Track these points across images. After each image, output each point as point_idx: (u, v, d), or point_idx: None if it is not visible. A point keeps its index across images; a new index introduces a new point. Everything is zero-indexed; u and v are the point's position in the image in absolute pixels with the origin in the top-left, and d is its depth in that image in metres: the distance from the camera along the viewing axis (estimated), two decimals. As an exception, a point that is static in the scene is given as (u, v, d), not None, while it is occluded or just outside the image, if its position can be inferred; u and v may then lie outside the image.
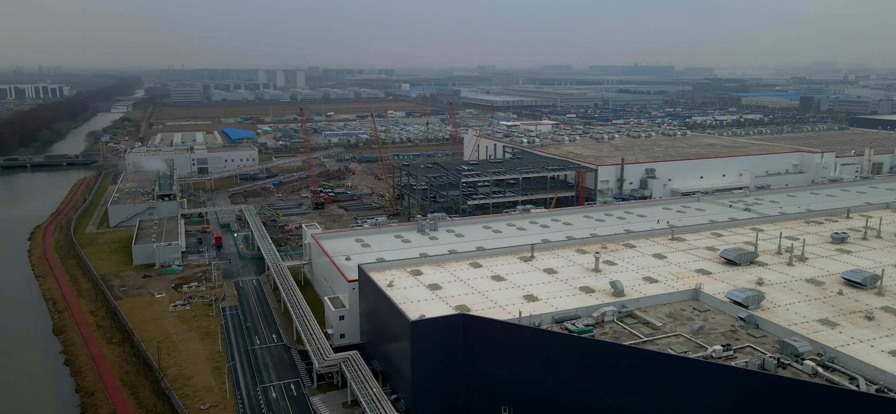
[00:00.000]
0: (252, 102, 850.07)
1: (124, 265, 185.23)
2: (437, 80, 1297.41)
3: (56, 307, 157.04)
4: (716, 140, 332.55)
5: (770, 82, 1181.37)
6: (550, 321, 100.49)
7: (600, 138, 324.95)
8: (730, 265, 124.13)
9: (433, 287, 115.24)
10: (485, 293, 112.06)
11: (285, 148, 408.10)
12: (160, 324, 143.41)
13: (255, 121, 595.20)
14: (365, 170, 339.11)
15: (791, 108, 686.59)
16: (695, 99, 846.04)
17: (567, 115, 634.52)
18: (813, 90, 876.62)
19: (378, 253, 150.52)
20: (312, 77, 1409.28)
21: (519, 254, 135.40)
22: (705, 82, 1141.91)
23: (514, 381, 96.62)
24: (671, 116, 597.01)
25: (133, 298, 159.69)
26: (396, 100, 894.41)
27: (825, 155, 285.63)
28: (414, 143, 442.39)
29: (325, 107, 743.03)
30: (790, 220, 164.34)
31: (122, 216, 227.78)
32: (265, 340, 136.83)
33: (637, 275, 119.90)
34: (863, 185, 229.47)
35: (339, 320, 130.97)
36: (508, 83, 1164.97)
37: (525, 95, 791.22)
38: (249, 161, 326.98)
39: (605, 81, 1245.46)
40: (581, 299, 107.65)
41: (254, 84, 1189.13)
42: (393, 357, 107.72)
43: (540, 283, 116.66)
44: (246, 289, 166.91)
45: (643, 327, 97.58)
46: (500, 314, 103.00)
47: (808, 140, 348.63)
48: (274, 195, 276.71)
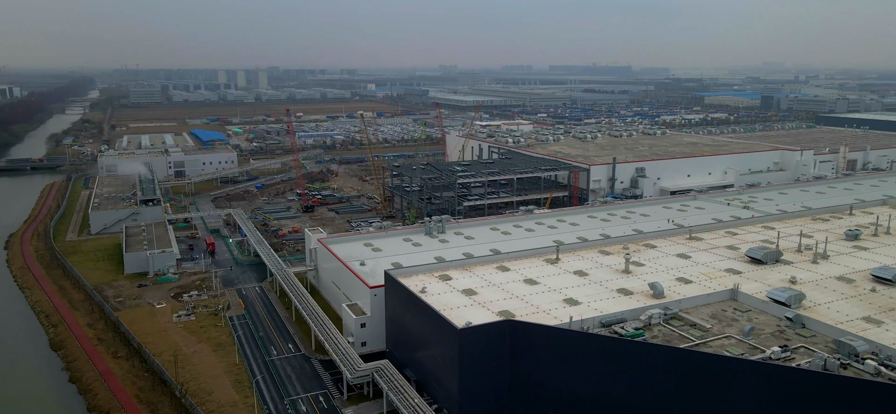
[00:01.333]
0: (215, 103, 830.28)
1: (115, 274, 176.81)
2: (401, 80, 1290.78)
3: (49, 321, 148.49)
4: (696, 139, 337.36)
5: (726, 82, 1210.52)
6: (597, 325, 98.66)
7: (584, 138, 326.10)
8: (756, 264, 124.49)
9: (468, 292, 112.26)
10: (523, 297, 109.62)
11: (261, 150, 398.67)
12: (166, 336, 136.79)
13: (222, 122, 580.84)
14: (347, 171, 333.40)
15: (752, 107, 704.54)
16: (658, 98, 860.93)
17: (538, 114, 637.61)
18: (769, 89, 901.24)
19: (391, 257, 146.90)
20: (273, 77, 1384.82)
21: (542, 256, 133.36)
22: (666, 82, 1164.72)
23: (563, 387, 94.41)
24: (640, 116, 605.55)
25: (131, 309, 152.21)
26: (363, 100, 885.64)
27: (804, 153, 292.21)
28: (391, 143, 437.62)
29: (293, 108, 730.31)
30: (796, 218, 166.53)
31: (104, 222, 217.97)
32: (282, 350, 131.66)
33: (668, 276, 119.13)
34: (847, 182, 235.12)
35: (361, 328, 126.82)
36: (474, 83, 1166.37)
37: (494, 95, 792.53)
38: (228, 164, 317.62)
39: (568, 81, 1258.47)
40: (623, 302, 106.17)
41: (214, 84, 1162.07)
42: (431, 365, 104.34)
43: (575, 286, 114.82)
44: (250, 297, 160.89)
45: (692, 330, 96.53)
46: (545, 319, 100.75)
47: (782, 138, 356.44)
48: (259, 198, 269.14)
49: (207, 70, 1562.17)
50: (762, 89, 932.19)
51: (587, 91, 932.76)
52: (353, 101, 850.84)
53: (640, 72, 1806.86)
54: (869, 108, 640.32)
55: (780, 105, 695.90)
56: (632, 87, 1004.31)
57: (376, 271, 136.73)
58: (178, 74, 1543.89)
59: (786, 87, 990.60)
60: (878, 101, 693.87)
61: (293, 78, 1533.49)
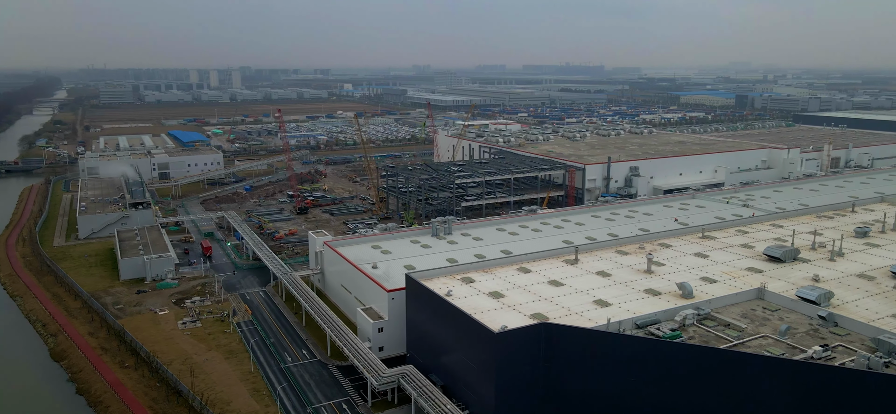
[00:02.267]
0: (189, 103, 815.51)
1: (110, 280, 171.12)
2: (376, 80, 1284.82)
3: (47, 330, 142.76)
4: (684, 138, 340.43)
5: (698, 81, 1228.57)
6: (631, 327, 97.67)
7: (573, 137, 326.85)
8: (775, 262, 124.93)
9: (495, 295, 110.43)
10: (551, 299, 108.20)
11: (245, 151, 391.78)
12: (174, 344, 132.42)
13: (200, 122, 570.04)
14: (335, 172, 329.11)
15: (728, 107, 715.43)
16: (634, 98, 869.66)
17: (518, 113, 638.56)
18: (742, 89, 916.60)
19: (402, 259, 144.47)
20: (246, 77, 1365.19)
21: (561, 257, 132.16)
22: (639, 81, 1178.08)
23: (599, 391, 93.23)
24: (619, 115, 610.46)
25: (132, 316, 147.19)
26: (340, 100, 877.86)
27: (791, 151, 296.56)
28: (376, 143, 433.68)
29: (270, 108, 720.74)
30: (801, 215, 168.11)
31: (92, 227, 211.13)
32: (296, 356, 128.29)
33: (692, 275, 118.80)
34: (837, 179, 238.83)
35: (379, 333, 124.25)
36: (451, 83, 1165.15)
37: (473, 95, 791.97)
38: (214, 165, 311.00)
39: (543, 80, 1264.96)
40: (653, 303, 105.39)
41: (186, 84, 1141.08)
42: (461, 370, 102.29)
43: (600, 287, 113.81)
44: (255, 302, 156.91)
45: (726, 330, 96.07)
46: (577, 321, 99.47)
47: (765, 136, 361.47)
48: (250, 200, 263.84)
49: (178, 70, 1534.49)
50: (734, 88, 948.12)
51: (564, 90, 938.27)
52: (331, 102, 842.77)
53: (612, 71, 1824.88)
54: (840, 107, 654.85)
55: (754, 104, 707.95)
56: (607, 87, 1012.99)
57: (390, 274, 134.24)
58: (147, 74, 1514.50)
59: (757, 86, 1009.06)
60: (847, 100, 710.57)
61: (266, 78, 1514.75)
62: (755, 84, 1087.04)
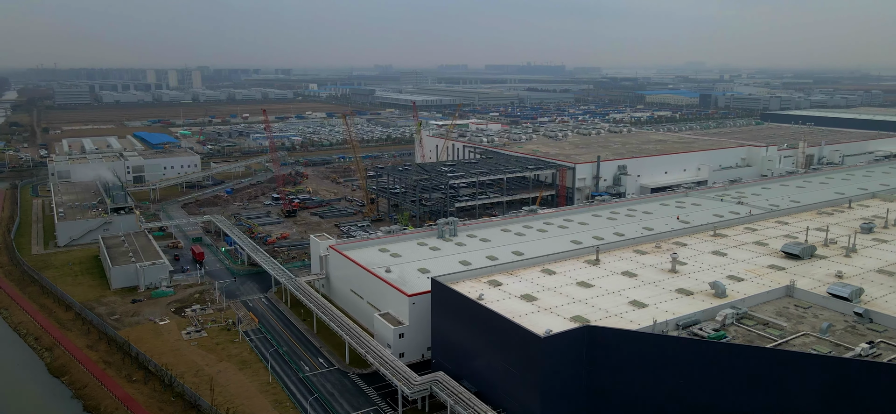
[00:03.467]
0: (150, 104, 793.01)
1: (101, 289, 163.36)
2: (339, 80, 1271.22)
3: (41, 344, 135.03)
4: (664, 136, 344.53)
5: (659, 81, 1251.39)
6: (674, 327, 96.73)
7: (555, 136, 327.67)
8: (793, 259, 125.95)
9: (527, 298, 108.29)
10: (585, 301, 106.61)
11: (219, 153, 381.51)
12: (182, 355, 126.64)
13: (165, 124, 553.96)
14: (315, 173, 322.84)
15: (692, 106, 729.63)
16: (601, 97, 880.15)
17: (489, 113, 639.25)
18: (702, 88, 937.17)
19: (413, 263, 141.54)
20: (205, 77, 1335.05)
21: (582, 257, 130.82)
22: (603, 81, 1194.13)
23: (645, 394, 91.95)
24: (589, 114, 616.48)
25: (132, 327, 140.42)
26: (306, 100, 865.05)
27: (769, 149, 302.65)
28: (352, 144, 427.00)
29: (237, 109, 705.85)
30: (802, 211, 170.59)
31: (72, 234, 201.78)
32: (314, 365, 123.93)
33: (717, 274, 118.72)
34: (819, 176, 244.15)
35: (399, 338, 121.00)
36: (418, 82, 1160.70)
37: (442, 95, 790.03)
38: (192, 168, 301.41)
39: (507, 80, 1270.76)
40: (689, 303, 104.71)
41: (144, 85, 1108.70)
42: (499, 376, 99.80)
43: (631, 287, 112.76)
44: (259, 309, 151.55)
45: (767, 329, 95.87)
46: (618, 323, 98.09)
47: (738, 134, 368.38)
48: (233, 203, 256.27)
49: (134, 69, 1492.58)
50: (695, 88, 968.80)
51: (530, 90, 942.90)
52: (297, 102, 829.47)
53: (574, 71, 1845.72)
54: (799, 106, 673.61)
55: (717, 103, 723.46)
56: (572, 86, 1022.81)
57: (406, 278, 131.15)
58: (101, 74, 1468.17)
59: (717, 86, 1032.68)
60: (805, 99, 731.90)
61: (226, 78, 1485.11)
62: (714, 84, 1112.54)
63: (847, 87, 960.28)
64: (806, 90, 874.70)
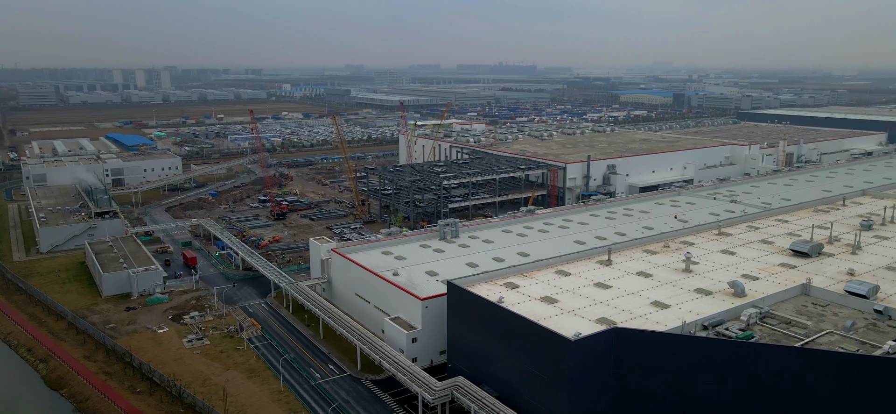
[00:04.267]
0: (119, 105, 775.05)
1: (91, 297, 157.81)
2: (311, 80, 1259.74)
3: (34, 355, 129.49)
4: (647, 135, 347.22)
5: (630, 80, 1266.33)
6: (700, 328, 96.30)
7: (541, 136, 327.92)
8: (801, 257, 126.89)
9: (548, 300, 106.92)
10: (606, 302, 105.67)
11: (197, 154, 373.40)
12: (186, 364, 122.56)
13: (137, 125, 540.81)
14: (299, 175, 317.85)
15: (666, 105, 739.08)
16: (575, 96, 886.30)
17: (467, 113, 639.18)
18: (674, 88, 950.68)
19: (420, 265, 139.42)
20: (173, 77, 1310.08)
21: (593, 258, 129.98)
22: (576, 80, 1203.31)
23: (672, 394, 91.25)
24: (567, 113, 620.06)
25: (129, 335, 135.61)
26: (280, 101, 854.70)
27: (752, 147, 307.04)
28: (333, 144, 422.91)
29: (209, 109, 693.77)
30: (799, 210, 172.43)
31: (55, 239, 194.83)
32: (324, 372, 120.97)
33: (730, 273, 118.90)
34: (804, 174, 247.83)
35: (412, 343, 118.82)
36: (392, 82, 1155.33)
37: (419, 95, 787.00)
38: (173, 170, 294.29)
39: (480, 80, 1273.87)
40: (710, 303, 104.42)
41: (111, 85, 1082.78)
42: (524, 380, 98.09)
43: (648, 288, 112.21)
44: (259, 315, 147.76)
45: (791, 328, 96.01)
46: (644, 324, 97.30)
47: (717, 133, 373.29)
48: (219, 206, 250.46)
49: (99, 69, 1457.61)
50: (666, 87, 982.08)
51: (504, 90, 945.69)
52: (270, 102, 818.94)
53: (545, 71, 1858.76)
54: (769, 105, 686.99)
55: (690, 103, 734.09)
56: (546, 86, 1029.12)
57: (415, 282, 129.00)
58: (65, 74, 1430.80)
59: (688, 85, 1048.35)
60: (775, 98, 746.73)
61: (195, 78, 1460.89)
62: (685, 83, 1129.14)
63: (812, 87, 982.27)
64: (774, 90, 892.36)
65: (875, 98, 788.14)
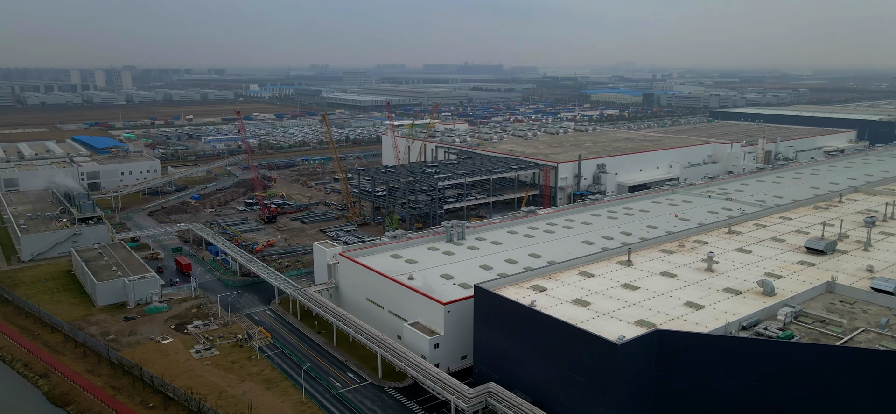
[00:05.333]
0: (81, 106, 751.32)
1: (85, 307, 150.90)
2: (277, 80, 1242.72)
3: (32, 370, 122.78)
4: (629, 134, 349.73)
5: (596, 80, 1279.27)
6: (739, 329, 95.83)
7: (525, 135, 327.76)
8: (816, 255, 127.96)
9: (580, 303, 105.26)
10: (639, 304, 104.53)
11: (173, 156, 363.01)
12: (197, 376, 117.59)
13: (104, 127, 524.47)
14: (281, 177, 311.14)
15: (636, 104, 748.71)
16: (546, 96, 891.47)
17: (442, 113, 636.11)
18: (641, 87, 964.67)
19: (434, 269, 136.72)
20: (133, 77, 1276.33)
21: (613, 258, 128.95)
22: (545, 80, 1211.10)
23: (713, 396, 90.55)
24: (541, 113, 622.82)
25: (133, 347, 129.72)
26: (248, 101, 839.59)
27: (733, 145, 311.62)
28: (311, 145, 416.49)
29: (176, 110, 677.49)
30: (798, 207, 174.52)
31: (38, 247, 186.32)
32: (344, 381, 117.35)
33: (752, 272, 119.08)
34: (789, 171, 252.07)
35: (435, 349, 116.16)
36: (361, 82, 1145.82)
37: (391, 95, 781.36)
38: (152, 173, 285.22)
39: (449, 79, 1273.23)
40: (742, 303, 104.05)
41: (69, 85, 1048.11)
42: (561, 385, 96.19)
43: (677, 288, 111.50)
44: (265, 322, 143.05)
45: (827, 326, 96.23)
46: (683, 326, 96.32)
47: (696, 131, 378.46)
48: (205, 210, 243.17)
49: (55, 69, 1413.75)
50: (633, 87, 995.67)
51: (475, 89, 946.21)
52: (238, 103, 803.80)
53: (512, 71, 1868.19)
54: (736, 104, 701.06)
55: (659, 102, 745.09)
56: (516, 86, 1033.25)
57: (432, 286, 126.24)
58: (18, 74, 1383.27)
59: (654, 84, 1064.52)
60: (741, 97, 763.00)
61: (156, 78, 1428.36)
62: (651, 83, 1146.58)
63: (773, 87, 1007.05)
64: (738, 89, 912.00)
65: (834, 96, 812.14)
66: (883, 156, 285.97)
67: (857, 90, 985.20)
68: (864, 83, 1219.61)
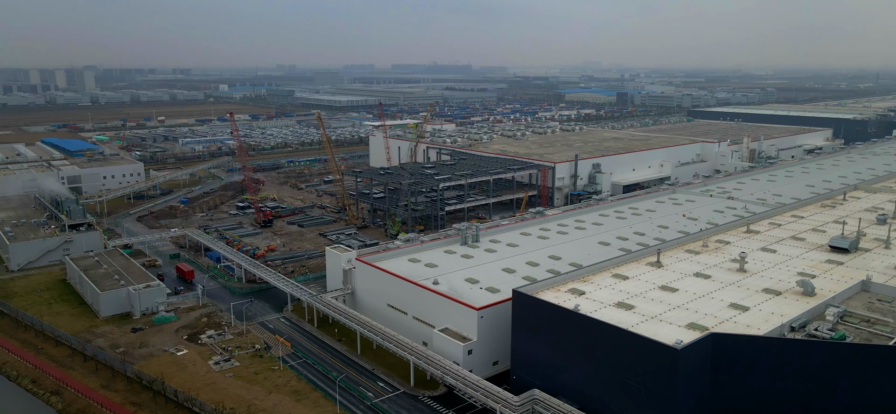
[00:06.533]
0: (44, 107, 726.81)
1: (87, 318, 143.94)
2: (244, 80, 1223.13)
3: (42, 387, 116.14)
4: (616, 134, 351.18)
5: (566, 79, 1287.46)
6: (789, 330, 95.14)
7: (514, 135, 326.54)
8: (842, 253, 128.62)
9: (623, 306, 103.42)
10: (684, 307, 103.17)
11: (152, 159, 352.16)
12: (222, 389, 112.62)
13: (72, 129, 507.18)
14: (269, 179, 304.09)
15: (611, 104, 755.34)
16: (520, 96, 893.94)
17: (418, 113, 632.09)
18: (612, 87, 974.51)
19: (455, 273, 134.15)
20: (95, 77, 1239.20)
21: (642, 260, 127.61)
22: (516, 80, 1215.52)
23: (766, 399, 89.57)
24: (519, 113, 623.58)
25: (146, 360, 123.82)
26: (219, 102, 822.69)
27: (721, 144, 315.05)
28: (292, 147, 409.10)
29: (143, 111, 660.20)
30: (806, 205, 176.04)
31: (28, 256, 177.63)
32: (376, 390, 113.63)
33: (783, 272, 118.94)
34: (781, 170, 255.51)
35: (468, 355, 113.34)
36: (334, 83, 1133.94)
37: (367, 95, 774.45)
38: (136, 177, 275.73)
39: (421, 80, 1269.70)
40: (785, 303, 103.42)
41: (29, 86, 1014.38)
42: (610, 392, 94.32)
43: (715, 289, 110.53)
44: (281, 330, 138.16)
45: (876, 326, 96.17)
46: (733, 328, 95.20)
47: (678, 130, 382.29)
48: (196, 215, 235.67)
49: (12, 69, 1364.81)
50: (604, 86, 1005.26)
51: (448, 90, 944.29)
52: (209, 103, 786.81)
53: (481, 70, 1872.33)
54: (708, 103, 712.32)
55: (633, 101, 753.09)
56: (488, 86, 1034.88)
57: (458, 290, 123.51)
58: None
59: (625, 84, 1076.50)
60: (711, 97, 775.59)
61: (118, 78, 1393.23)
62: (621, 83, 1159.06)
63: (739, 86, 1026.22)
64: (708, 89, 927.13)
65: (800, 96, 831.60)
66: (864, 154, 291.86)
67: (818, 89, 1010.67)
68: (823, 83, 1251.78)
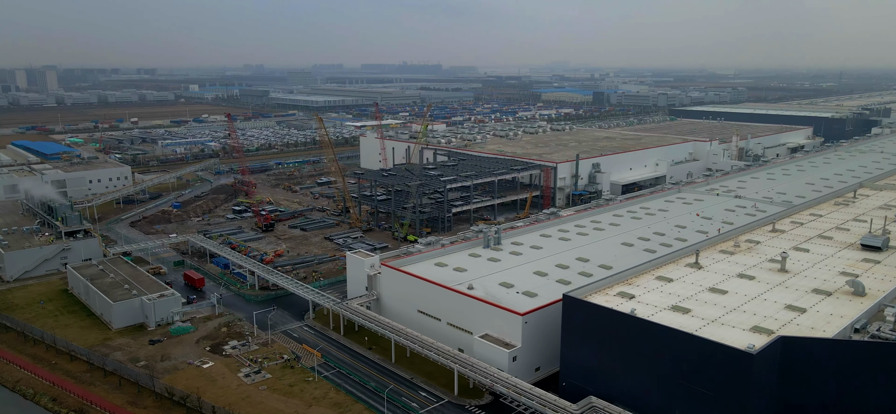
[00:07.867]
0: (7, 109, 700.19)
1: (98, 330, 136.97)
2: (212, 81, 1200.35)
3: (63, 405, 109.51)
4: (607, 133, 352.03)
5: (538, 79, 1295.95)
6: (852, 332, 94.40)
7: (507, 136, 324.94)
8: (875, 251, 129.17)
9: (679, 310, 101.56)
10: (739, 309, 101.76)
11: (133, 162, 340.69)
12: (258, 403, 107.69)
13: (42, 131, 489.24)
14: (260, 181, 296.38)
15: (588, 103, 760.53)
16: (494, 96, 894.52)
17: (398, 113, 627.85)
18: (587, 86, 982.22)
19: (486, 277, 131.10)
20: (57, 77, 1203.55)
21: (681, 261, 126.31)
22: (490, 79, 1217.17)
23: (834, 402, 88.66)
24: (499, 112, 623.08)
25: (171, 374, 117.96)
26: (190, 103, 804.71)
27: (712, 143, 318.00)
28: (277, 148, 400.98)
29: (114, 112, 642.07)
30: (820, 203, 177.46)
31: (24, 265, 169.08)
32: (419, 401, 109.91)
33: (824, 271, 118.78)
34: (777, 167, 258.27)
35: (513, 362, 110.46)
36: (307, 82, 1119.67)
37: (344, 95, 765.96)
38: (123, 181, 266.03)
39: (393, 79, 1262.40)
40: (840, 304, 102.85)
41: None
42: (674, 398, 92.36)
43: (765, 291, 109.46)
44: (307, 339, 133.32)
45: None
46: (796, 330, 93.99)
47: (666, 129, 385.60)
48: (191, 219, 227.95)
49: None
50: (577, 86, 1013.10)
51: (423, 89, 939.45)
52: (180, 104, 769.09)
53: (451, 70, 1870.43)
54: (682, 103, 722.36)
55: (610, 100, 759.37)
56: (462, 85, 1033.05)
57: (495, 295, 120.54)
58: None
59: (599, 83, 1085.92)
60: (686, 96, 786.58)
61: (81, 78, 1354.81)
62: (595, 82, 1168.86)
63: (707, 85, 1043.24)
64: (681, 88, 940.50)
65: (769, 95, 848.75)
66: (851, 151, 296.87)
67: (784, 88, 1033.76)
68: (787, 82, 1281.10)
